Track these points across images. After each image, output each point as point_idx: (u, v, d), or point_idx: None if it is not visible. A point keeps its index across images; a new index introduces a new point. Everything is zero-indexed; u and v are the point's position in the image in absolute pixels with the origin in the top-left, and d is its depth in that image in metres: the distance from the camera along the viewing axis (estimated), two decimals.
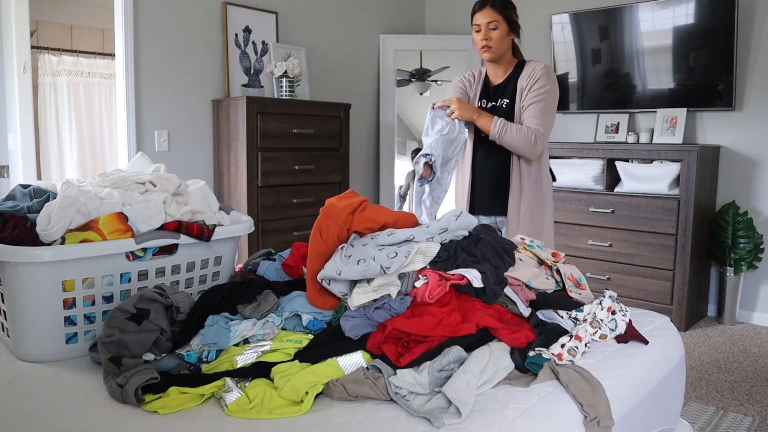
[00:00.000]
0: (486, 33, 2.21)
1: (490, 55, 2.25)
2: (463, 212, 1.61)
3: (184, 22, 3.47)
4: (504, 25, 2.22)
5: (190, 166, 3.54)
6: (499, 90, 2.33)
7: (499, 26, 2.21)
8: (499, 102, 2.30)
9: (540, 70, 2.23)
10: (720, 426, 2.38)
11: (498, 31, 2.21)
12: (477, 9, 2.24)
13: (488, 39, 2.22)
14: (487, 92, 2.36)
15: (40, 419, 1.16)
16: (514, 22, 2.25)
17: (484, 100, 2.35)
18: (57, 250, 1.39)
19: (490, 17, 2.20)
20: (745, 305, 3.78)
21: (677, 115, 3.78)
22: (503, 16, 2.21)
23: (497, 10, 2.20)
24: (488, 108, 2.32)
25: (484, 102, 2.35)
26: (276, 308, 1.48)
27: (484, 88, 2.37)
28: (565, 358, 1.37)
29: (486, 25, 2.21)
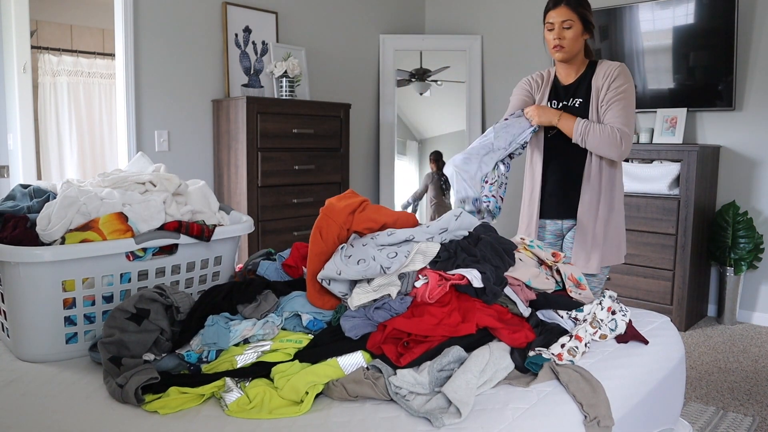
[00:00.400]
0: (560, 32, 2.12)
1: (562, 55, 2.15)
2: (463, 212, 1.61)
3: (184, 22, 3.47)
4: (579, 25, 2.12)
5: (190, 166, 3.54)
6: (570, 90, 2.23)
7: (574, 25, 2.11)
8: (570, 102, 2.21)
9: (616, 69, 2.13)
10: (720, 426, 2.38)
11: (572, 31, 2.11)
12: (551, 6, 2.14)
13: (562, 38, 2.12)
14: (557, 92, 2.27)
15: (40, 419, 1.16)
16: (589, 22, 2.15)
17: (554, 101, 2.26)
18: (57, 250, 1.39)
19: (564, 15, 2.10)
20: (745, 305, 3.78)
21: (677, 115, 3.78)
22: (578, 14, 2.11)
23: (572, 8, 2.10)
24: (559, 108, 2.23)
25: (554, 103, 2.26)
26: (276, 308, 1.48)
27: (553, 88, 2.28)
28: (565, 358, 1.37)
29: (560, 24, 2.11)
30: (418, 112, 4.80)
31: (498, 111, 4.67)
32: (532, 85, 2.32)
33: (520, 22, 4.53)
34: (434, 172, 4.72)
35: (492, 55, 4.69)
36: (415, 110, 4.80)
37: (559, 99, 2.25)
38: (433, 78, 4.74)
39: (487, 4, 4.69)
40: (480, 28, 4.73)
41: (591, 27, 2.17)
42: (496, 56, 4.67)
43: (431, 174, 4.73)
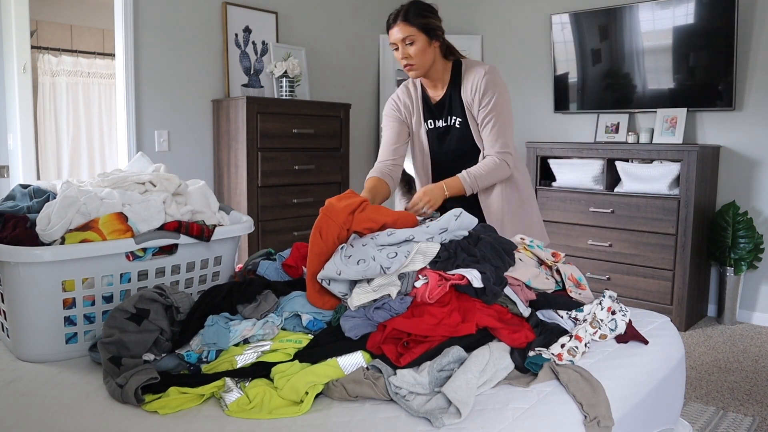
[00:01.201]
0: (404, 50, 1.98)
1: (416, 73, 2.02)
2: (463, 212, 1.61)
3: (184, 22, 3.47)
4: (422, 36, 1.96)
5: (190, 166, 3.54)
6: (443, 107, 2.11)
7: (416, 39, 1.96)
8: (450, 121, 2.10)
9: (482, 80, 2.00)
10: (720, 426, 2.38)
11: (416, 46, 1.96)
12: (389, 25, 2.01)
13: (408, 56, 1.98)
14: (430, 111, 2.13)
15: (40, 419, 1.16)
16: (433, 29, 1.98)
17: (430, 121, 2.14)
18: (57, 250, 1.39)
19: (403, 32, 1.95)
20: (745, 305, 3.78)
21: (677, 115, 3.78)
22: (417, 27, 1.95)
23: (409, 23, 1.95)
24: (442, 128, 2.11)
25: (431, 123, 2.13)
26: (276, 308, 1.48)
27: (425, 106, 2.14)
28: (565, 358, 1.37)
29: (401, 42, 1.97)
30: None
31: None
32: (401, 109, 2.18)
33: (520, 22, 4.53)
34: None
35: (492, 55, 4.69)
36: None
37: (435, 118, 2.13)
38: None
39: (487, 4, 4.68)
40: (480, 28, 4.73)
41: (438, 33, 2.01)
42: (496, 56, 4.67)
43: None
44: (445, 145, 2.14)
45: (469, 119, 2.07)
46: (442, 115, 2.12)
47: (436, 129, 2.14)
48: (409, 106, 2.17)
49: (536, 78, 4.49)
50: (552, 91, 4.37)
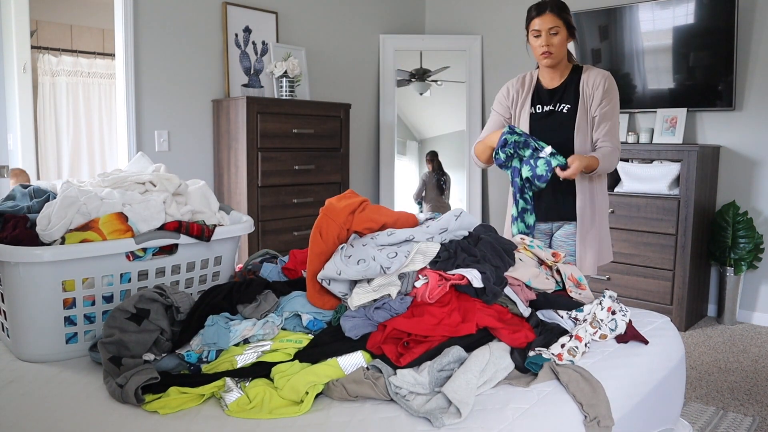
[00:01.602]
0: (547, 38, 2.15)
1: (550, 61, 2.19)
2: (463, 212, 1.61)
3: (184, 22, 3.47)
4: (564, 30, 2.15)
5: (190, 166, 3.54)
6: (556, 94, 2.25)
7: (560, 31, 2.14)
8: (558, 107, 2.23)
9: (606, 79, 2.18)
10: (720, 426, 2.38)
11: (558, 36, 2.15)
12: (535, 14, 2.17)
13: (550, 45, 2.15)
14: (539, 97, 2.28)
15: (40, 419, 1.16)
16: (573, 26, 2.19)
17: (538, 105, 2.27)
18: (57, 250, 1.39)
19: (551, 22, 2.13)
20: (745, 305, 3.78)
21: (677, 115, 3.78)
22: (563, 20, 2.14)
23: (557, 15, 2.13)
24: (546, 112, 2.25)
25: (539, 107, 2.27)
26: (276, 308, 1.48)
27: (536, 93, 2.29)
28: (565, 358, 1.37)
29: (547, 31, 2.14)
30: (418, 112, 4.81)
31: None
32: (510, 96, 2.33)
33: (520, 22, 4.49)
34: (431, 171, 4.72)
35: (492, 55, 4.69)
36: (415, 110, 4.80)
37: (542, 103, 2.27)
38: (433, 78, 4.74)
39: (487, 4, 4.68)
40: (480, 28, 4.73)
41: (574, 31, 2.20)
42: (496, 56, 4.67)
43: (429, 173, 4.73)
44: (544, 128, 2.23)
45: (580, 107, 2.19)
46: (552, 101, 2.25)
47: (539, 113, 2.26)
48: (520, 91, 2.32)
49: None
50: None
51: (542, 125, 2.24)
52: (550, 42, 2.15)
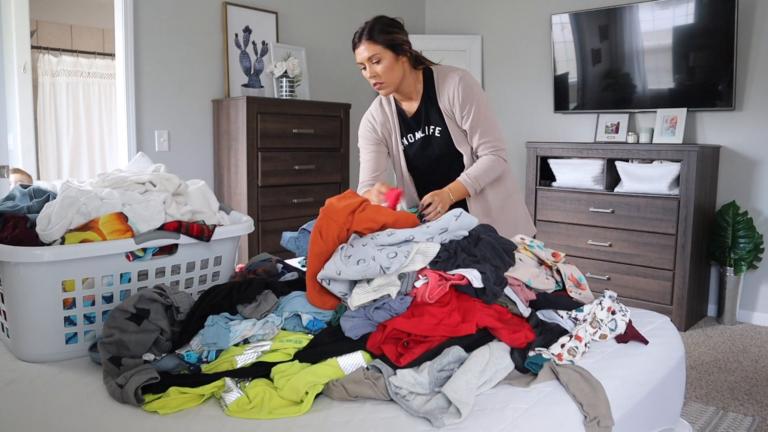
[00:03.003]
0: (372, 69, 1.96)
1: (386, 91, 2.02)
2: (463, 212, 1.61)
3: (184, 22, 3.47)
4: (388, 53, 1.94)
5: (190, 166, 3.54)
6: (420, 119, 2.10)
7: (383, 57, 1.94)
8: (428, 130, 2.10)
9: (457, 88, 2.00)
10: (720, 426, 2.38)
11: (383, 64, 1.94)
12: (354, 44, 1.98)
13: (376, 75, 1.96)
14: (407, 124, 2.13)
15: (40, 419, 1.16)
16: (399, 44, 1.96)
17: (408, 135, 2.13)
18: (57, 250, 1.39)
19: (369, 51, 1.93)
20: (745, 305, 3.78)
21: (677, 115, 3.78)
22: (383, 44, 1.93)
23: (374, 41, 1.93)
24: (419, 140, 2.11)
25: (409, 137, 2.13)
26: (276, 308, 1.48)
27: (402, 120, 2.14)
28: (565, 358, 1.37)
29: (368, 61, 1.95)
30: None
31: (498, 111, 4.66)
32: (377, 130, 2.17)
33: (520, 22, 4.53)
34: None
35: (492, 55, 4.69)
36: None
37: (412, 130, 2.12)
38: None
39: (487, 4, 4.69)
40: (480, 28, 4.73)
41: (405, 48, 1.99)
42: (496, 56, 4.67)
43: None
44: (425, 154, 2.15)
45: (449, 126, 2.08)
46: (420, 127, 2.12)
47: (413, 143, 2.15)
48: (386, 124, 2.17)
49: (536, 78, 4.49)
50: (552, 91, 4.37)
51: (422, 152, 2.14)
52: (375, 72, 1.96)
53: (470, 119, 2.03)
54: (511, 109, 4.63)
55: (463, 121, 2.05)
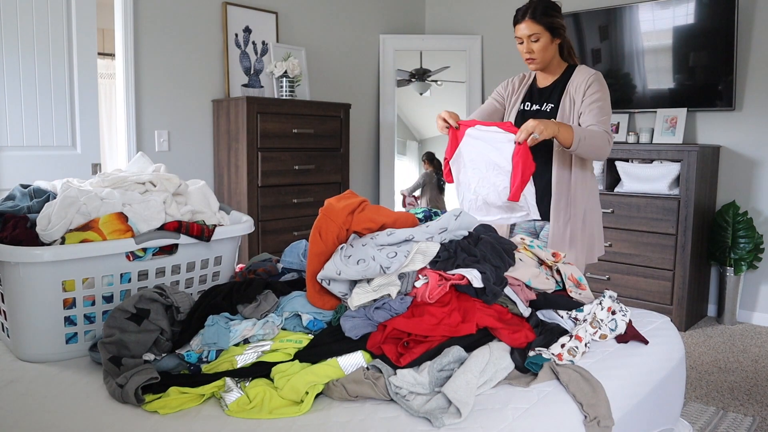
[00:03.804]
0: (528, 45, 2.11)
1: (535, 66, 2.17)
2: (463, 212, 1.61)
3: (184, 22, 3.47)
4: (546, 34, 2.10)
5: (190, 166, 3.54)
6: (545, 93, 2.23)
7: (541, 37, 2.09)
8: (543, 106, 2.21)
9: (592, 77, 2.12)
10: (720, 426, 2.38)
11: (540, 42, 2.10)
12: (517, 20, 2.13)
13: (531, 51, 2.12)
14: (531, 95, 2.27)
15: (40, 419, 1.16)
16: (557, 28, 2.11)
17: (528, 103, 2.26)
18: (57, 250, 1.39)
19: (530, 29, 2.09)
20: (745, 305, 3.78)
21: (677, 115, 3.78)
22: (543, 25, 2.08)
23: (536, 20, 2.08)
24: (533, 111, 2.22)
25: (528, 104, 2.26)
26: (276, 308, 1.48)
27: (529, 90, 2.28)
28: (565, 358, 1.37)
29: (527, 38, 2.10)
30: (418, 112, 4.81)
31: None
32: (507, 88, 2.34)
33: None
34: (432, 171, 4.73)
35: (492, 55, 4.69)
36: (415, 110, 4.80)
37: (533, 101, 2.25)
38: (433, 78, 4.74)
39: (487, 4, 4.69)
40: (480, 28, 4.73)
41: (561, 31, 2.13)
42: (496, 56, 4.67)
43: (429, 173, 4.73)
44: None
45: (562, 104, 2.15)
46: (541, 100, 2.23)
47: (527, 111, 2.24)
48: (516, 88, 2.32)
49: None
50: None
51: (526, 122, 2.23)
52: (531, 48, 2.12)
53: (591, 99, 2.10)
54: None
55: (585, 100, 2.11)
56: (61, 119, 3.01)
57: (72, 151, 3.07)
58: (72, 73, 3.04)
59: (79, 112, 3.07)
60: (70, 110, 3.04)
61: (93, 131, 3.14)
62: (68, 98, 3.03)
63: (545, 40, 2.11)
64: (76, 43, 3.02)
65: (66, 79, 3.01)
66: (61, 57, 2.98)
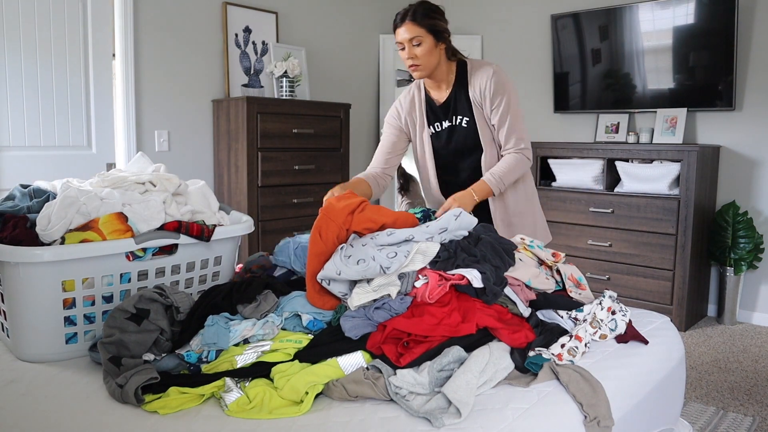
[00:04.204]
0: (410, 50, 1.97)
1: (420, 74, 2.02)
2: (463, 212, 1.61)
3: (184, 22, 3.47)
4: (429, 38, 1.96)
5: (190, 166, 3.54)
6: (448, 108, 2.10)
7: (424, 40, 1.95)
8: (455, 121, 2.09)
9: (490, 80, 2.00)
10: (720, 426, 2.38)
11: (423, 47, 1.96)
12: (396, 24, 1.99)
13: (414, 57, 1.97)
14: (434, 113, 2.13)
15: (40, 419, 1.16)
16: (440, 31, 1.98)
17: (435, 123, 2.13)
18: (57, 250, 1.39)
19: (411, 32, 1.94)
20: (745, 305, 3.78)
21: (677, 115, 3.78)
22: (426, 28, 1.95)
23: (418, 23, 1.94)
24: (446, 129, 2.11)
25: (436, 125, 2.12)
26: (276, 308, 1.48)
27: (429, 109, 2.14)
28: (565, 358, 1.37)
29: (409, 42, 1.96)
30: None
31: None
32: (402, 117, 2.18)
33: (520, 22, 4.53)
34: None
35: (492, 55, 4.69)
36: None
37: (439, 119, 2.13)
38: None
39: (487, 4, 4.69)
40: (480, 28, 4.73)
41: (445, 34, 2.01)
42: (496, 56, 4.67)
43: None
44: (450, 144, 2.14)
45: (477, 118, 2.07)
46: (447, 116, 2.12)
47: (439, 132, 2.14)
48: (412, 113, 2.17)
49: (536, 78, 4.49)
50: (552, 91, 4.37)
51: (447, 143, 2.13)
52: (414, 53, 1.97)
53: (499, 112, 2.03)
54: None
55: (492, 114, 2.04)
56: (77, 120, 3.10)
57: (87, 151, 3.16)
58: (88, 75, 3.12)
59: (95, 113, 3.15)
60: (86, 111, 3.13)
61: (108, 132, 3.22)
62: (84, 100, 3.11)
63: (428, 44, 1.97)
64: (92, 47, 3.10)
65: (82, 81, 3.09)
66: (77, 60, 3.06)
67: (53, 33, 2.96)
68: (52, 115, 2.99)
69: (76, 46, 3.04)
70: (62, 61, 3.00)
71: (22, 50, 2.86)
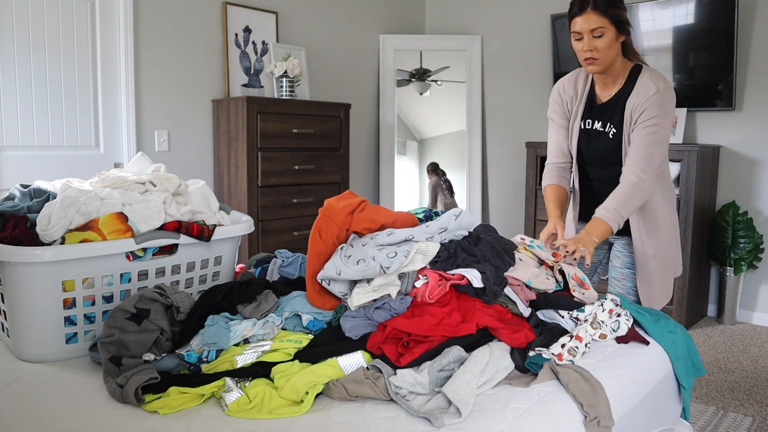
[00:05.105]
0: (589, 42, 1.78)
1: (596, 68, 1.84)
2: (463, 212, 1.61)
3: (184, 22, 3.47)
4: (611, 30, 1.77)
5: (190, 166, 3.54)
6: (606, 110, 1.92)
7: (606, 32, 1.77)
8: (606, 128, 1.92)
9: (652, 96, 1.80)
10: (720, 426, 2.38)
11: (605, 39, 1.77)
12: (575, 13, 1.81)
13: (593, 50, 1.78)
14: (592, 111, 1.96)
15: (40, 419, 1.16)
16: (623, 22, 1.79)
17: (589, 120, 1.96)
18: (57, 250, 1.39)
19: (594, 23, 1.76)
20: (745, 305, 3.78)
21: (677, 115, 3.78)
22: (609, 18, 1.76)
23: (601, 12, 1.75)
24: (596, 131, 1.94)
25: (589, 122, 1.96)
26: (276, 308, 1.48)
27: (588, 105, 1.97)
28: (565, 358, 1.37)
29: (589, 33, 1.77)
30: (418, 112, 4.80)
31: (498, 111, 4.66)
32: (565, 101, 2.02)
33: (520, 22, 4.53)
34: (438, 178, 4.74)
35: (492, 55, 4.69)
36: (415, 110, 4.80)
37: (594, 118, 1.95)
38: (433, 78, 4.74)
39: (487, 4, 4.69)
40: (480, 28, 4.73)
41: (627, 27, 1.82)
42: (496, 56, 4.67)
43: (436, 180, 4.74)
44: (593, 147, 1.98)
45: (624, 133, 1.89)
46: (603, 118, 1.94)
47: (589, 130, 1.97)
48: (573, 99, 2.01)
49: (536, 78, 4.49)
50: None
51: (591, 145, 1.98)
52: (593, 46, 1.78)
53: (642, 132, 1.82)
54: (511, 109, 4.63)
55: (638, 126, 1.83)
56: (85, 120, 3.14)
57: (95, 151, 3.21)
58: (96, 75, 3.16)
59: (102, 113, 3.20)
60: (94, 112, 3.18)
61: (116, 132, 3.26)
62: (92, 100, 3.16)
63: (610, 37, 1.78)
64: (100, 47, 3.15)
65: (90, 81, 3.14)
66: (85, 60, 3.10)
67: (62, 34, 2.99)
68: (60, 115, 3.03)
69: (84, 47, 3.08)
70: (71, 62, 3.04)
71: (31, 51, 2.89)
